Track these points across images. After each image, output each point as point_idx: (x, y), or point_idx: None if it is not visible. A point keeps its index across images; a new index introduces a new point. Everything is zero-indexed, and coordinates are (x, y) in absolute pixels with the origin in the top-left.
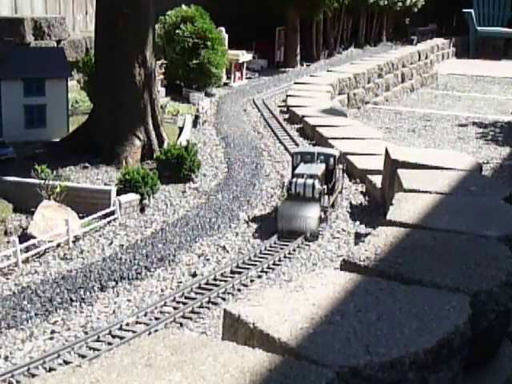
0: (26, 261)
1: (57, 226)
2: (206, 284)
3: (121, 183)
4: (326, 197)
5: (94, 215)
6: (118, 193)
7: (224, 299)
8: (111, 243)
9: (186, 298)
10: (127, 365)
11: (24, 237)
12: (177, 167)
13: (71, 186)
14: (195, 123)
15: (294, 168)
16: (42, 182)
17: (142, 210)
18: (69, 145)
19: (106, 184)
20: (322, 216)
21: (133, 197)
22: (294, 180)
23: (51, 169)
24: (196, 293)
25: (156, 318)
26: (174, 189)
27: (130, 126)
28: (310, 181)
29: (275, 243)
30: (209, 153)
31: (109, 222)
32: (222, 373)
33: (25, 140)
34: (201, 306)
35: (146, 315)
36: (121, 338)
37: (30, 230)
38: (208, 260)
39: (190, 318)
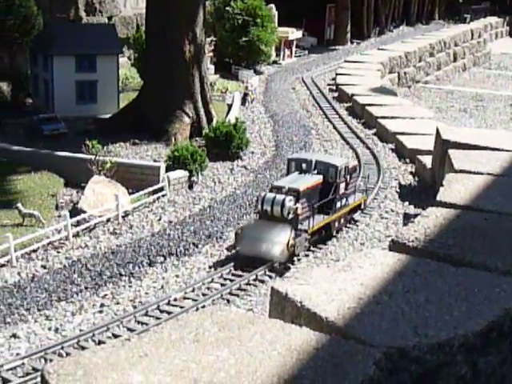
0: (76, 235)
1: (107, 201)
2: (254, 262)
3: (170, 160)
4: (311, 219)
5: (144, 191)
6: (167, 169)
7: (271, 277)
8: (160, 219)
9: (233, 275)
10: (175, 340)
11: (75, 211)
12: (225, 145)
13: (121, 161)
14: (244, 101)
15: (288, 171)
16: (93, 157)
17: (191, 186)
18: (119, 121)
19: (155, 160)
20: (295, 243)
21: (181, 173)
22: (264, 195)
23: (102, 144)
24: (243, 270)
25: (203, 294)
26: (222, 166)
27: (180, 103)
28: (280, 197)
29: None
30: (257, 131)
31: (158, 198)
32: (269, 350)
33: (76, 115)
34: (248, 284)
35: (193, 291)
36: (169, 312)
37: (80, 205)
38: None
39: (237, 295)
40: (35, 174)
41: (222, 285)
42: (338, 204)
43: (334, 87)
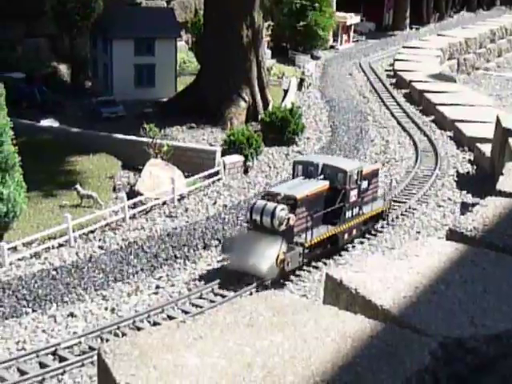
0: (133, 217)
1: (163, 183)
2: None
3: (225, 144)
4: (311, 230)
5: (199, 175)
6: (223, 154)
7: (325, 264)
8: (215, 203)
9: None
10: (230, 323)
11: (131, 193)
12: (281, 130)
13: (178, 145)
14: (300, 86)
15: (293, 175)
16: (150, 140)
17: (246, 171)
18: (176, 105)
19: (211, 144)
20: (286, 258)
21: (237, 158)
22: (254, 203)
23: (159, 128)
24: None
25: (261, 279)
26: (277, 151)
27: (236, 88)
28: (270, 206)
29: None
30: (313, 116)
31: (213, 182)
32: (324, 336)
33: (134, 99)
34: (301, 269)
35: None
36: (223, 296)
37: (137, 187)
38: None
39: (291, 281)
40: (94, 156)
41: None
42: (349, 213)
43: (392, 73)
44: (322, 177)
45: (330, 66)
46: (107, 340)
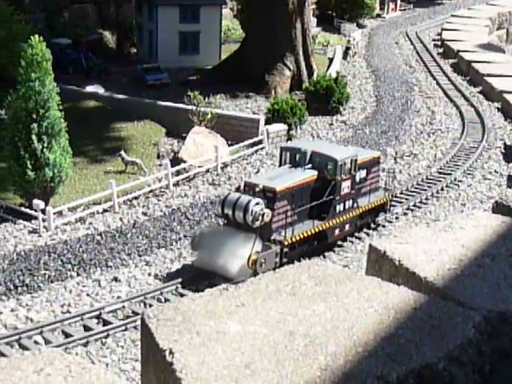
0: (176, 184)
1: (206, 151)
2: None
3: (269, 112)
4: (292, 226)
5: (242, 143)
6: (266, 122)
7: (368, 234)
8: (257, 171)
9: None
10: (272, 291)
11: (175, 160)
12: (325, 99)
13: (221, 113)
14: (345, 55)
15: (280, 163)
16: (194, 107)
17: (289, 140)
18: (220, 73)
19: (254, 113)
20: (260, 258)
21: (280, 127)
22: (226, 195)
23: (203, 95)
24: None
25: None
26: (321, 121)
27: (281, 56)
28: (244, 199)
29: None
30: (358, 85)
31: (256, 151)
32: (366, 307)
33: (178, 66)
34: (344, 240)
35: None
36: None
37: (181, 155)
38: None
39: (334, 251)
40: (138, 123)
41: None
42: (340, 207)
43: (439, 43)
44: (310, 166)
45: (376, 34)
46: (150, 305)
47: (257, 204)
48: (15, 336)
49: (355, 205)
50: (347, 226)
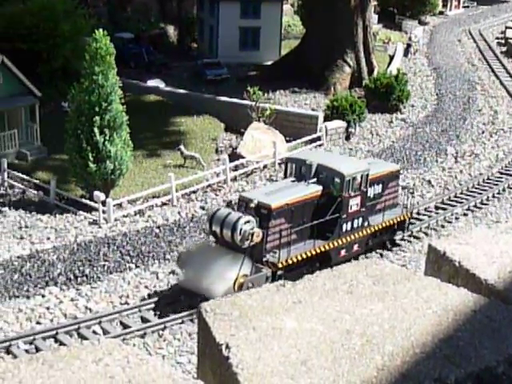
0: (234, 179)
1: (264, 147)
2: (409, 218)
3: (328, 109)
4: (289, 247)
5: (301, 139)
6: (325, 119)
7: (426, 234)
8: None
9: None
10: (329, 289)
11: (233, 156)
12: (385, 96)
13: (280, 109)
14: (406, 52)
15: (285, 175)
16: (253, 103)
17: (348, 137)
18: (280, 69)
19: (313, 109)
20: (247, 282)
21: (339, 124)
22: (214, 211)
23: (262, 91)
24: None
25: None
26: (380, 118)
27: (341, 52)
28: (232, 217)
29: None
30: (419, 83)
31: (314, 148)
32: (424, 308)
33: (238, 62)
34: (402, 239)
35: None
36: None
37: (239, 150)
38: (412, 193)
39: (391, 250)
40: (197, 118)
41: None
42: (346, 226)
43: (503, 41)
44: (314, 180)
45: (438, 32)
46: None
47: (247, 222)
48: (74, 325)
49: (366, 223)
50: (355, 247)
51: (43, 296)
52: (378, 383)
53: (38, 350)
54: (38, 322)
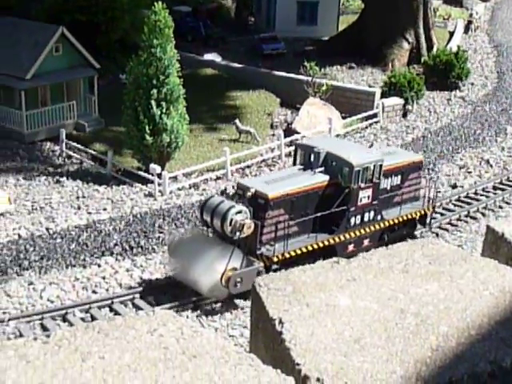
0: (288, 154)
1: (320, 123)
2: (466, 197)
3: (385, 86)
4: (287, 239)
5: (357, 116)
6: (382, 95)
7: (484, 215)
8: (371, 146)
9: (443, 208)
10: (384, 268)
11: (288, 131)
12: (444, 74)
13: (337, 85)
14: (467, 29)
15: (294, 162)
16: (310, 78)
17: (405, 114)
18: (337, 44)
19: (370, 86)
20: (236, 277)
21: (396, 101)
22: (206, 199)
23: (319, 66)
24: (455, 205)
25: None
26: (438, 96)
27: (400, 28)
28: (224, 206)
29: None
30: (479, 61)
31: (370, 125)
32: (481, 289)
33: (295, 36)
34: (459, 219)
35: None
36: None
37: (294, 125)
38: (470, 173)
39: (447, 230)
40: (253, 92)
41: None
42: (355, 219)
43: None
44: (322, 169)
45: (500, 8)
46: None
47: (238, 212)
48: (129, 296)
49: (378, 217)
50: (366, 242)
51: (99, 266)
52: (432, 364)
53: (93, 318)
54: (93, 291)
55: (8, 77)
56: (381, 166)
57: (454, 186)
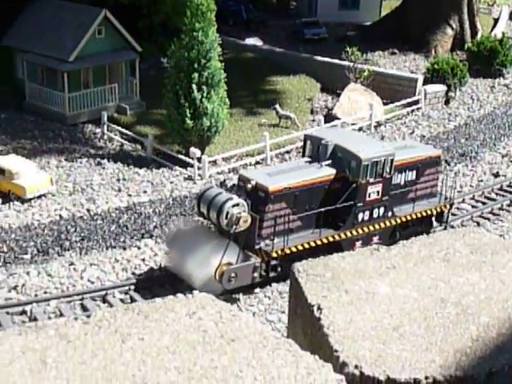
0: None
1: (361, 109)
2: (509, 186)
3: (428, 72)
4: (288, 235)
5: (398, 102)
6: (424, 82)
7: None
8: (412, 132)
9: (485, 197)
10: (424, 256)
11: (328, 117)
12: (488, 61)
13: (378, 70)
14: None
15: (303, 153)
16: (351, 64)
17: (447, 102)
18: (379, 29)
19: (412, 72)
20: (231, 272)
21: (439, 87)
22: (203, 190)
23: (361, 52)
24: (497, 194)
25: (453, 214)
26: (482, 83)
27: (444, 14)
28: (221, 198)
29: None
30: None
31: (412, 111)
32: None
33: (337, 21)
34: (501, 208)
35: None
36: None
37: (334, 111)
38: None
39: (488, 219)
40: (294, 77)
41: (473, 206)
42: (363, 215)
43: None
44: (329, 162)
45: None
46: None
47: (235, 205)
48: (168, 278)
49: (389, 213)
50: (376, 239)
51: (139, 248)
52: (473, 354)
53: (132, 300)
54: (133, 273)
55: (51, 59)
56: (392, 160)
57: (497, 175)
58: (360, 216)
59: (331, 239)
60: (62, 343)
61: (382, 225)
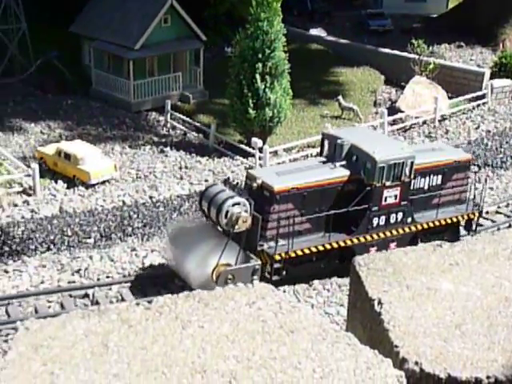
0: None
1: (425, 102)
2: None
3: (495, 66)
4: (290, 239)
5: (464, 96)
6: (491, 76)
7: None
8: (478, 127)
9: None
10: (489, 254)
11: (392, 110)
12: None
13: (444, 64)
14: None
15: (320, 152)
16: (417, 56)
17: None
18: (446, 22)
19: (479, 66)
20: (227, 273)
21: (507, 82)
22: (206, 187)
23: (426, 44)
24: None
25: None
26: None
27: None
28: (221, 196)
29: None
30: None
31: (477, 106)
32: None
33: (403, 13)
34: None
35: (507, 206)
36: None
37: (398, 104)
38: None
39: None
40: (357, 69)
41: None
42: (379, 220)
43: None
44: (344, 162)
45: None
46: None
47: (236, 204)
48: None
49: (409, 219)
50: (393, 245)
51: None
52: None
53: (191, 288)
54: None
55: (118, 46)
56: (412, 163)
57: None
58: (375, 221)
59: (342, 244)
60: (124, 328)
61: (400, 231)
